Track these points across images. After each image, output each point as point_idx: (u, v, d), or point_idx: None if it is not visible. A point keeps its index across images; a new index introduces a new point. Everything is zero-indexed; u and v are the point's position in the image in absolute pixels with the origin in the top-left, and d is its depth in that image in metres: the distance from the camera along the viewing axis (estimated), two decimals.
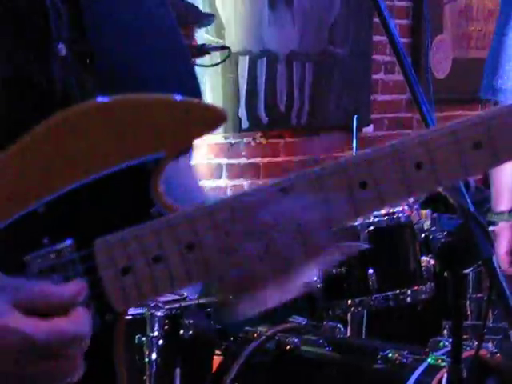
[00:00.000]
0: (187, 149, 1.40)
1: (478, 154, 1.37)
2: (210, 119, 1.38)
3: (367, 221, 4.46)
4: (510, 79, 3.79)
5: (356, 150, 5.09)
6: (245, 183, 5.77)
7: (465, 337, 2.42)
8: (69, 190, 1.32)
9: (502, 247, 4.08)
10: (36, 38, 1.39)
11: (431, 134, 1.41)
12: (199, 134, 1.38)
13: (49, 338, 1.23)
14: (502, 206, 4.14)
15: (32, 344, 1.22)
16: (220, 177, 5.78)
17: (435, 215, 4.73)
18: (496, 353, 4.14)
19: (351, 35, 6.18)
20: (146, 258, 1.33)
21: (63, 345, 1.24)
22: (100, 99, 1.35)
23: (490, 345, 4.14)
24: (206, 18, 4.62)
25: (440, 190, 1.88)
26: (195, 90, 1.61)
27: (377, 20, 3.75)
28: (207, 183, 5.40)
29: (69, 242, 1.32)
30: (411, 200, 4.46)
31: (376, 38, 6.23)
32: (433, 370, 3.98)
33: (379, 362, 4.13)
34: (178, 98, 1.39)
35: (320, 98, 5.94)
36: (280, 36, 5.79)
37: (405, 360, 4.08)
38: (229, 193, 5.55)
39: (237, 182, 5.86)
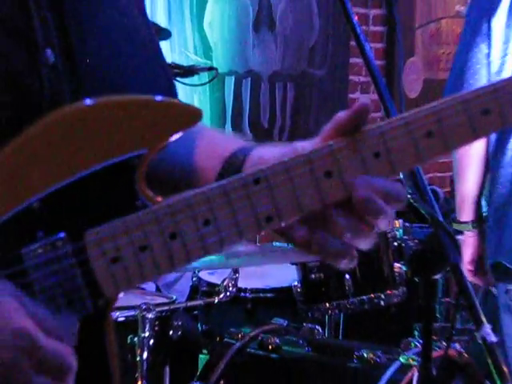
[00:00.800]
0: (167, 144, 1.37)
1: (431, 142, 1.40)
2: (188, 116, 1.40)
3: None
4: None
5: None
6: None
7: (434, 338, 2.42)
8: (60, 186, 1.33)
9: (466, 256, 4.07)
10: (24, 44, 1.40)
11: (387, 126, 1.43)
12: (178, 131, 1.39)
13: (49, 348, 1.25)
14: (465, 217, 4.13)
15: (33, 348, 1.23)
16: None
17: (407, 225, 4.74)
18: (463, 353, 4.15)
19: (329, 57, 6.20)
20: (133, 248, 1.34)
21: (58, 363, 1.26)
22: (87, 101, 1.36)
23: (457, 345, 4.15)
24: (162, 33, 4.65)
25: (412, 201, 1.88)
26: (172, 90, 1.63)
27: (353, 43, 3.76)
28: None
29: (62, 234, 1.33)
30: None
31: (352, 59, 6.25)
32: (404, 368, 3.98)
33: (355, 361, 4.13)
34: (158, 98, 1.41)
35: (300, 116, 5.97)
36: (263, 58, 5.82)
37: (378, 359, 4.08)
38: None
39: None
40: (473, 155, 3.93)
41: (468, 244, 4.13)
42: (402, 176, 1.53)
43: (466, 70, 3.96)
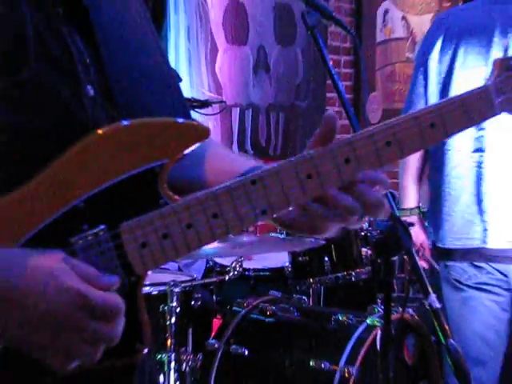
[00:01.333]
0: (183, 156, 1.38)
1: (390, 149, 1.42)
2: (199, 134, 1.40)
3: None
4: None
5: None
6: None
7: (392, 305, 2.43)
8: (101, 189, 1.33)
9: (420, 234, 4.06)
10: (70, 81, 1.38)
11: (355, 137, 1.44)
12: (192, 144, 1.38)
13: (99, 300, 1.24)
14: (411, 203, 4.06)
15: (85, 302, 1.22)
16: None
17: (371, 219, 4.74)
18: (415, 316, 4.15)
19: (311, 92, 6.15)
20: (157, 236, 1.34)
21: (110, 310, 1.25)
22: (123, 122, 1.36)
23: (410, 310, 4.16)
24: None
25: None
26: (186, 114, 1.63)
27: (329, 82, 3.74)
28: None
29: (102, 227, 1.32)
30: None
31: (329, 94, 6.21)
32: (370, 328, 3.98)
33: (332, 323, 4.13)
34: (176, 119, 1.40)
35: (289, 137, 5.93)
36: (261, 93, 5.76)
37: (350, 321, 4.08)
38: None
39: None
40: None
41: (420, 224, 4.12)
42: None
43: (412, 100, 3.99)
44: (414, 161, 3.97)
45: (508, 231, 3.67)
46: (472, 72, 3.69)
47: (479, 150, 3.71)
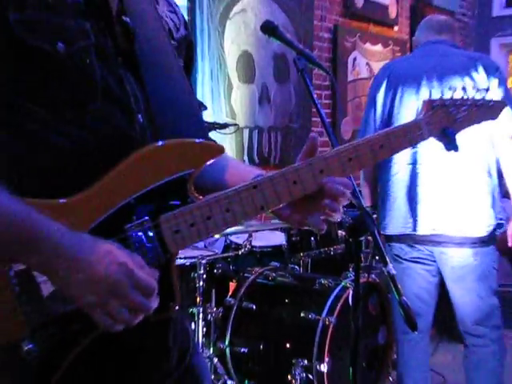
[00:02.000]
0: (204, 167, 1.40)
1: (351, 164, 1.48)
2: (216, 150, 1.42)
3: None
4: None
5: None
6: None
7: (361, 272, 2.43)
8: (146, 190, 1.33)
9: None
10: (125, 111, 1.38)
11: (327, 154, 1.48)
12: (211, 158, 1.40)
13: (142, 276, 1.24)
14: (367, 203, 4.08)
15: (132, 275, 1.22)
16: None
17: (345, 209, 4.71)
18: (377, 279, 4.15)
19: (301, 117, 6.13)
20: (187, 225, 1.35)
21: (148, 287, 1.25)
22: (160, 142, 1.38)
23: (373, 275, 4.16)
24: (203, 106, 4.67)
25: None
26: (206, 136, 1.62)
27: (314, 109, 3.71)
28: None
29: (146, 218, 1.33)
30: None
31: (314, 118, 6.19)
32: (344, 289, 3.98)
33: (316, 285, 4.13)
34: (201, 141, 1.42)
35: (285, 150, 5.92)
36: (264, 118, 5.75)
37: (330, 284, 4.07)
38: None
39: None
40: None
41: None
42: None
43: (365, 126, 4.03)
44: (368, 170, 3.99)
45: (431, 223, 3.73)
46: (407, 108, 3.77)
47: (413, 162, 3.77)
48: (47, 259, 1.21)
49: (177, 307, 1.39)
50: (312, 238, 4.56)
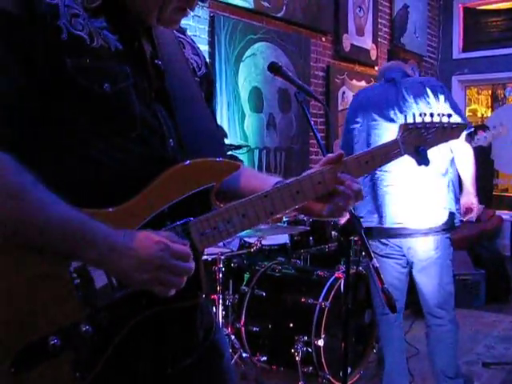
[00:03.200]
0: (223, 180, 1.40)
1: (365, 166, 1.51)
2: (234, 167, 1.41)
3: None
4: None
5: None
6: None
7: (351, 265, 2.43)
8: (177, 200, 1.33)
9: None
10: (159, 136, 1.39)
11: (349, 159, 1.49)
12: (229, 173, 1.40)
13: (177, 247, 1.26)
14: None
15: (167, 248, 1.24)
16: None
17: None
18: (363, 270, 4.13)
19: (300, 139, 6.13)
20: (211, 228, 1.35)
21: (184, 253, 1.27)
22: (187, 162, 1.37)
23: (361, 268, 4.14)
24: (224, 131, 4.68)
25: None
26: (226, 153, 1.62)
27: (311, 133, 3.71)
28: None
29: (178, 223, 1.33)
30: None
31: (311, 141, 6.20)
32: (337, 279, 3.97)
33: (314, 275, 4.12)
34: (221, 159, 1.42)
35: (287, 167, 5.93)
36: (271, 141, 5.74)
37: (325, 275, 4.07)
38: None
39: None
40: None
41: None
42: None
43: (343, 145, 4.08)
44: None
45: (394, 217, 3.70)
46: (377, 128, 3.76)
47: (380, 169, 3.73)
48: (102, 253, 1.22)
49: (203, 295, 1.39)
50: (310, 238, 4.56)
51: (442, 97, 3.67)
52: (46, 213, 1.21)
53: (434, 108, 3.57)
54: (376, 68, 7.71)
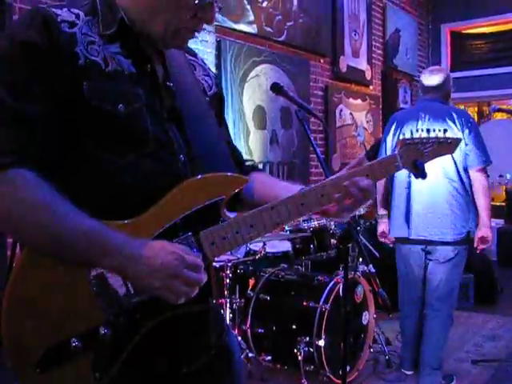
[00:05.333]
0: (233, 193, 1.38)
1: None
2: (241, 181, 1.39)
3: (311, 224, 4.47)
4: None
5: None
6: None
7: (349, 270, 2.43)
8: (189, 212, 1.32)
9: (385, 227, 4.20)
10: (170, 153, 1.38)
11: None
12: (237, 188, 1.38)
13: (190, 258, 1.25)
14: (381, 211, 4.24)
15: (182, 259, 1.23)
16: None
17: (336, 222, 4.67)
18: (360, 276, 4.12)
19: (301, 154, 6.12)
20: (220, 238, 1.34)
21: (196, 265, 1.26)
22: (199, 176, 1.36)
23: (358, 273, 4.12)
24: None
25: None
26: (234, 169, 1.58)
27: (311, 148, 3.70)
28: None
29: (190, 233, 1.32)
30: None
31: (311, 155, 6.18)
32: (336, 283, 3.95)
33: (315, 280, 4.10)
34: (230, 174, 1.40)
35: (290, 179, 5.92)
36: (274, 155, 5.73)
37: (325, 280, 4.05)
38: None
39: None
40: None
41: (381, 225, 4.23)
42: None
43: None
44: (380, 187, 4.16)
45: (420, 231, 3.95)
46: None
47: (408, 187, 3.98)
48: (119, 261, 1.23)
49: (214, 301, 1.39)
50: (311, 245, 4.53)
51: (466, 130, 3.81)
52: (66, 223, 1.22)
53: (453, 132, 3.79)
54: (370, 87, 7.73)
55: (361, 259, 4.27)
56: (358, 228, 4.12)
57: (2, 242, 2.99)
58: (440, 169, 3.81)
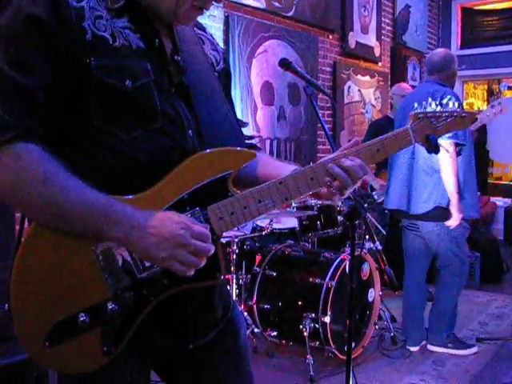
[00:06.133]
0: (241, 168, 1.37)
1: (379, 153, 1.45)
2: (249, 156, 1.38)
3: (318, 202, 4.47)
4: None
5: None
6: None
7: (355, 247, 2.42)
8: (197, 187, 1.32)
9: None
10: (179, 128, 1.37)
11: (361, 147, 1.44)
12: (246, 162, 1.37)
13: (197, 228, 1.25)
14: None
15: (188, 228, 1.23)
16: None
17: (343, 199, 4.67)
18: (367, 253, 4.12)
19: (309, 131, 6.11)
20: (228, 213, 1.33)
21: (203, 234, 1.25)
22: (207, 150, 1.36)
23: (365, 250, 4.13)
24: (244, 123, 4.61)
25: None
26: (243, 143, 1.58)
27: (319, 125, 3.68)
28: None
29: (197, 208, 1.32)
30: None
31: (319, 132, 6.17)
32: (343, 260, 3.96)
33: (322, 257, 4.11)
34: (238, 148, 1.39)
35: (297, 156, 5.90)
36: (282, 132, 5.72)
37: (332, 256, 4.06)
38: None
39: None
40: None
41: None
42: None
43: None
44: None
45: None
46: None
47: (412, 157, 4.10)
48: (125, 232, 1.22)
49: (222, 277, 1.38)
50: (318, 222, 4.52)
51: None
52: (72, 195, 1.22)
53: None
54: (379, 64, 7.67)
55: (368, 236, 4.27)
56: (366, 205, 4.13)
57: (11, 215, 3.00)
58: None
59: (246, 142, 1.68)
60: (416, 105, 1.56)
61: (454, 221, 3.92)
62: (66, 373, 1.34)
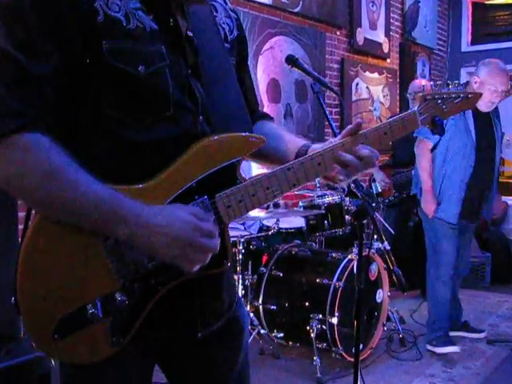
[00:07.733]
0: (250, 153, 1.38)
1: (386, 137, 1.48)
2: (259, 142, 1.38)
3: (325, 200, 4.46)
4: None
5: None
6: None
7: (363, 247, 2.42)
8: (205, 175, 1.32)
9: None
10: (191, 114, 1.35)
11: (369, 131, 1.46)
12: (255, 147, 1.37)
13: (205, 225, 1.24)
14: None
15: (198, 228, 1.23)
16: None
17: (351, 199, 4.67)
18: (375, 253, 4.11)
19: (316, 128, 6.10)
20: (236, 201, 1.33)
21: (211, 232, 1.25)
22: (215, 136, 1.34)
23: (372, 250, 4.13)
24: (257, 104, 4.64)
25: (352, 188, 1.86)
26: (252, 129, 1.55)
27: (326, 123, 3.67)
28: None
29: (205, 197, 1.31)
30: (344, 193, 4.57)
31: (326, 130, 6.15)
32: (350, 260, 3.96)
33: (329, 257, 4.11)
34: (247, 134, 1.39)
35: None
36: (288, 129, 5.73)
37: (339, 257, 4.06)
38: None
39: None
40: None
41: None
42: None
43: None
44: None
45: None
46: None
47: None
48: (133, 230, 1.21)
49: (228, 264, 1.38)
50: (325, 222, 4.53)
51: None
52: (80, 191, 1.20)
53: None
54: (388, 60, 7.66)
55: (376, 236, 4.27)
56: (374, 205, 4.14)
57: (13, 204, 2.99)
58: None
59: (260, 111, 1.69)
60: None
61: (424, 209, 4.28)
62: (71, 364, 1.34)
